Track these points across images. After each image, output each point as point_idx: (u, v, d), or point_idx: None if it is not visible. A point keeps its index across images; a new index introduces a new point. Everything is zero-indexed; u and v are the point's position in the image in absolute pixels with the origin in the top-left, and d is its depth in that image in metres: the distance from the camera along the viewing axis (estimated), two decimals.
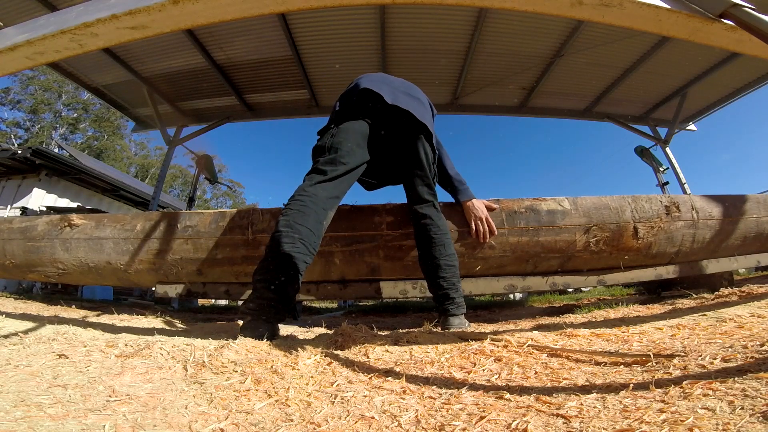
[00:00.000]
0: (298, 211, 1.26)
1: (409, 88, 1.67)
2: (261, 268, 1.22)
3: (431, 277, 1.53)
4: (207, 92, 5.65)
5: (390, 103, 1.49)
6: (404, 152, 1.58)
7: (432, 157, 1.58)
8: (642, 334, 1.06)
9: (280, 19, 4.31)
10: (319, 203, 1.30)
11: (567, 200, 1.85)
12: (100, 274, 1.99)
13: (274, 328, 1.19)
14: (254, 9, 0.77)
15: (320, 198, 1.31)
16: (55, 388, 0.72)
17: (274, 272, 1.19)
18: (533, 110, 6.25)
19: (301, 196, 1.30)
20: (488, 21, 4.43)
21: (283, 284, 1.19)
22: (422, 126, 1.54)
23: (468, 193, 1.75)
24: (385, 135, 1.56)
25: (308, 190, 1.32)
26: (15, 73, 5.33)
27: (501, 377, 0.78)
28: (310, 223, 1.25)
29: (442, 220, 1.57)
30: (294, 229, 1.23)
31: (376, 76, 1.66)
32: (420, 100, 1.64)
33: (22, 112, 22.71)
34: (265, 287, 1.18)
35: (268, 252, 1.24)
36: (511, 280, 1.86)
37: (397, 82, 1.66)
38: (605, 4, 0.73)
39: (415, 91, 1.69)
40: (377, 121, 1.53)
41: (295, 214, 1.25)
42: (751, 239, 1.97)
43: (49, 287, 5.30)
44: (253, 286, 1.22)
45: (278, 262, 1.20)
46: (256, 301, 1.18)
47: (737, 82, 5.54)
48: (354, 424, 0.59)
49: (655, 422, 0.50)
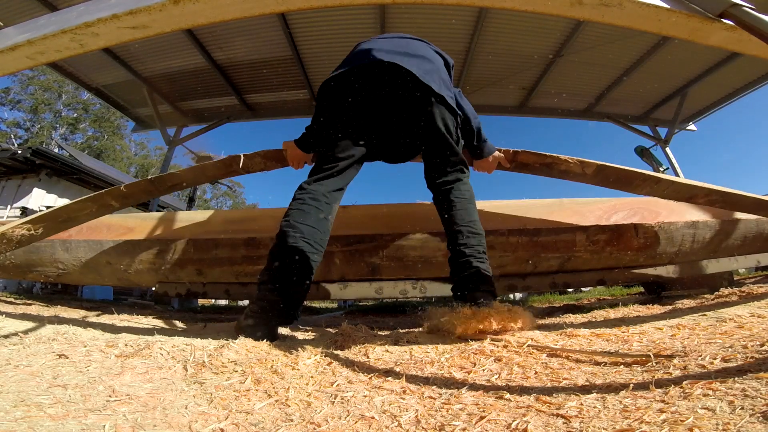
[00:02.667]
0: (297, 210, 1.24)
1: (407, 45, 1.45)
2: (265, 270, 1.20)
3: (451, 247, 1.33)
4: (207, 92, 5.65)
5: (387, 62, 1.31)
6: (416, 122, 1.38)
7: (452, 122, 1.38)
8: (642, 334, 1.06)
9: (280, 19, 4.31)
10: (319, 198, 1.27)
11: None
12: (100, 274, 1.99)
13: (274, 331, 1.16)
14: (255, 9, 0.77)
15: (320, 193, 1.28)
16: (55, 388, 0.72)
17: (277, 274, 1.17)
18: (533, 110, 6.25)
19: (300, 194, 1.28)
20: (488, 21, 4.43)
21: (288, 286, 1.17)
22: (427, 88, 1.32)
23: (490, 148, 1.60)
24: (393, 106, 1.36)
25: (306, 187, 1.30)
26: (15, 73, 5.33)
27: (501, 377, 0.78)
28: (311, 220, 1.23)
29: (467, 185, 1.42)
30: (296, 228, 1.20)
31: (364, 47, 1.45)
32: (425, 57, 1.42)
33: (22, 112, 22.71)
34: (268, 289, 1.16)
35: (271, 254, 1.21)
36: (511, 280, 1.86)
37: (390, 43, 1.45)
38: (605, 4, 0.73)
39: (417, 47, 1.45)
40: (377, 94, 1.34)
41: (295, 213, 1.24)
42: (751, 239, 1.97)
43: (49, 287, 5.30)
44: (257, 288, 1.20)
45: (281, 264, 1.18)
46: (259, 303, 1.16)
47: (737, 82, 5.54)
48: (354, 424, 0.59)
49: (655, 422, 0.50)
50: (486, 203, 1.85)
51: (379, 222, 1.77)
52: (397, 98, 1.34)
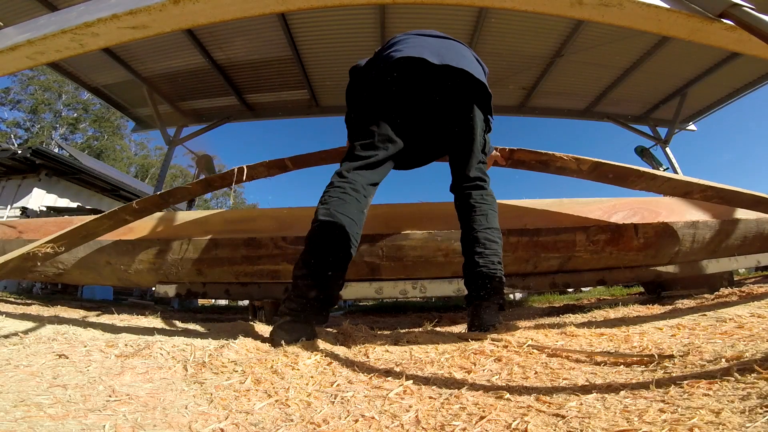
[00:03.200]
0: (338, 199, 1.14)
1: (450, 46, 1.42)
2: (301, 264, 1.10)
3: (466, 255, 1.29)
4: (207, 92, 5.66)
5: (438, 64, 1.26)
6: (454, 122, 1.36)
7: (484, 127, 1.39)
8: (642, 334, 1.06)
9: (280, 19, 4.31)
10: (360, 190, 1.19)
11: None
12: (100, 274, 1.99)
13: (313, 330, 1.08)
14: (255, 9, 0.77)
15: (360, 185, 1.19)
16: (55, 388, 0.72)
17: (317, 267, 1.08)
18: (533, 110, 6.26)
19: (341, 182, 1.18)
20: (488, 21, 4.43)
21: (327, 281, 1.09)
22: (480, 86, 1.32)
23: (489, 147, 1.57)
24: (433, 105, 1.35)
25: (347, 175, 1.20)
26: (15, 73, 5.33)
27: (501, 377, 0.78)
28: (352, 212, 1.14)
29: (489, 192, 1.38)
30: (336, 218, 1.11)
31: (413, 41, 1.39)
32: (467, 57, 1.39)
33: (22, 112, 22.73)
34: (307, 285, 1.07)
35: (308, 245, 1.12)
36: (511, 280, 1.86)
37: (437, 44, 1.40)
38: (605, 4, 0.73)
39: (460, 48, 1.43)
40: (423, 91, 1.32)
41: (336, 202, 1.14)
42: (751, 239, 1.97)
43: (49, 287, 5.30)
44: (292, 283, 1.10)
45: (320, 256, 1.09)
46: (297, 300, 1.07)
47: (737, 82, 5.54)
48: (354, 424, 0.59)
49: (655, 422, 0.50)
50: None
51: (379, 222, 1.76)
52: (450, 101, 1.34)
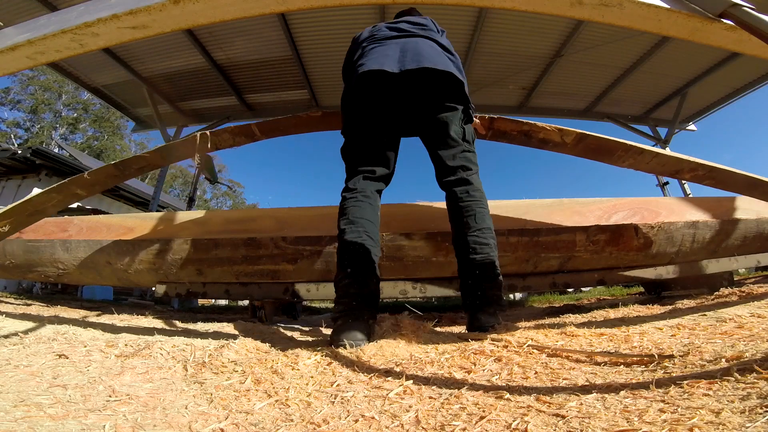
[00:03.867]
0: (353, 207, 1.29)
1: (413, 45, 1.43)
2: (338, 269, 1.22)
3: (459, 260, 1.31)
4: (207, 92, 5.66)
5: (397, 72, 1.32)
6: (428, 117, 1.39)
7: (461, 116, 1.40)
8: (642, 334, 1.06)
9: (280, 19, 4.31)
10: (369, 195, 1.33)
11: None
12: (100, 274, 1.99)
13: (369, 326, 1.14)
14: (254, 9, 0.77)
15: (369, 191, 1.34)
16: (55, 388, 0.72)
17: (352, 269, 1.19)
18: (533, 110, 6.25)
19: (352, 194, 1.32)
20: (488, 21, 4.43)
21: (363, 277, 1.19)
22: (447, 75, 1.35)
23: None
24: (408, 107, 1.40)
25: (355, 186, 1.34)
26: (15, 73, 5.33)
27: (501, 377, 0.78)
28: (368, 214, 1.28)
29: (475, 185, 1.36)
30: (357, 224, 1.25)
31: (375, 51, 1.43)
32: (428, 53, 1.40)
33: (22, 112, 22.73)
34: (347, 284, 1.17)
35: (339, 253, 1.24)
36: (511, 280, 1.86)
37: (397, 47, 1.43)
38: (605, 4, 0.73)
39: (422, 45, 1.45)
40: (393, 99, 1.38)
41: (352, 210, 1.28)
42: (751, 239, 1.97)
43: (49, 287, 5.30)
44: (335, 288, 1.21)
45: (352, 259, 1.20)
46: (344, 301, 1.16)
47: (737, 82, 5.54)
48: (354, 424, 0.59)
49: (655, 422, 0.50)
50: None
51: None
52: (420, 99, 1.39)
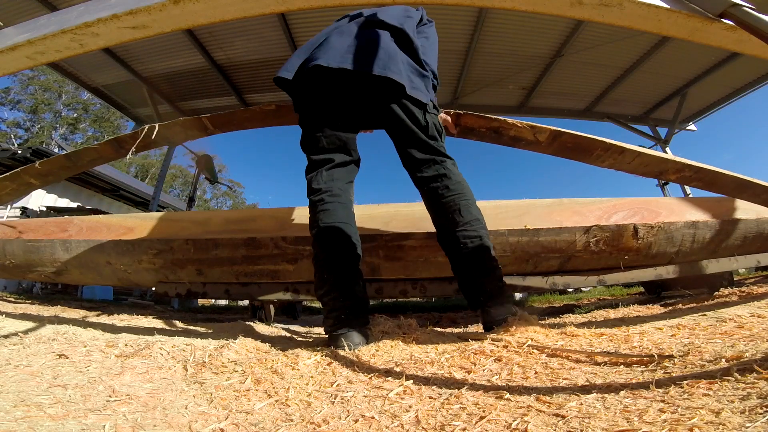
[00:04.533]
0: (323, 212, 1.20)
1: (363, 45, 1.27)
2: (318, 283, 1.17)
3: (451, 260, 1.24)
4: (207, 92, 5.66)
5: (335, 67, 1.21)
6: (379, 110, 1.28)
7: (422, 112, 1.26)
8: (642, 334, 1.06)
9: (280, 19, 4.31)
10: (337, 193, 1.23)
11: None
12: (100, 274, 1.99)
13: (364, 331, 1.11)
14: (254, 9, 0.77)
15: (336, 187, 1.23)
16: (55, 388, 0.72)
17: (331, 279, 1.13)
18: (533, 110, 6.25)
19: (317, 196, 1.23)
20: (488, 21, 4.43)
21: (346, 287, 1.13)
22: (388, 81, 1.20)
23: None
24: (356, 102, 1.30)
25: (320, 185, 1.24)
26: (15, 73, 5.33)
27: (501, 377, 0.78)
28: (340, 216, 1.19)
29: (455, 176, 1.24)
30: (329, 231, 1.17)
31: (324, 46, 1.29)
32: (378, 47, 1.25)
33: (22, 112, 22.75)
34: (333, 298, 1.12)
35: (315, 263, 1.18)
36: (511, 280, 1.86)
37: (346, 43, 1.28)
38: (605, 4, 0.73)
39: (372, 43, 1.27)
40: (336, 93, 1.27)
41: (322, 215, 1.19)
42: (751, 239, 1.97)
43: (49, 287, 5.30)
44: (322, 305, 1.16)
45: (331, 270, 1.14)
46: (332, 315, 1.11)
47: (737, 82, 5.54)
48: (354, 424, 0.59)
49: (655, 422, 0.50)
50: (486, 203, 1.84)
51: (378, 222, 1.76)
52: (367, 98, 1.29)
